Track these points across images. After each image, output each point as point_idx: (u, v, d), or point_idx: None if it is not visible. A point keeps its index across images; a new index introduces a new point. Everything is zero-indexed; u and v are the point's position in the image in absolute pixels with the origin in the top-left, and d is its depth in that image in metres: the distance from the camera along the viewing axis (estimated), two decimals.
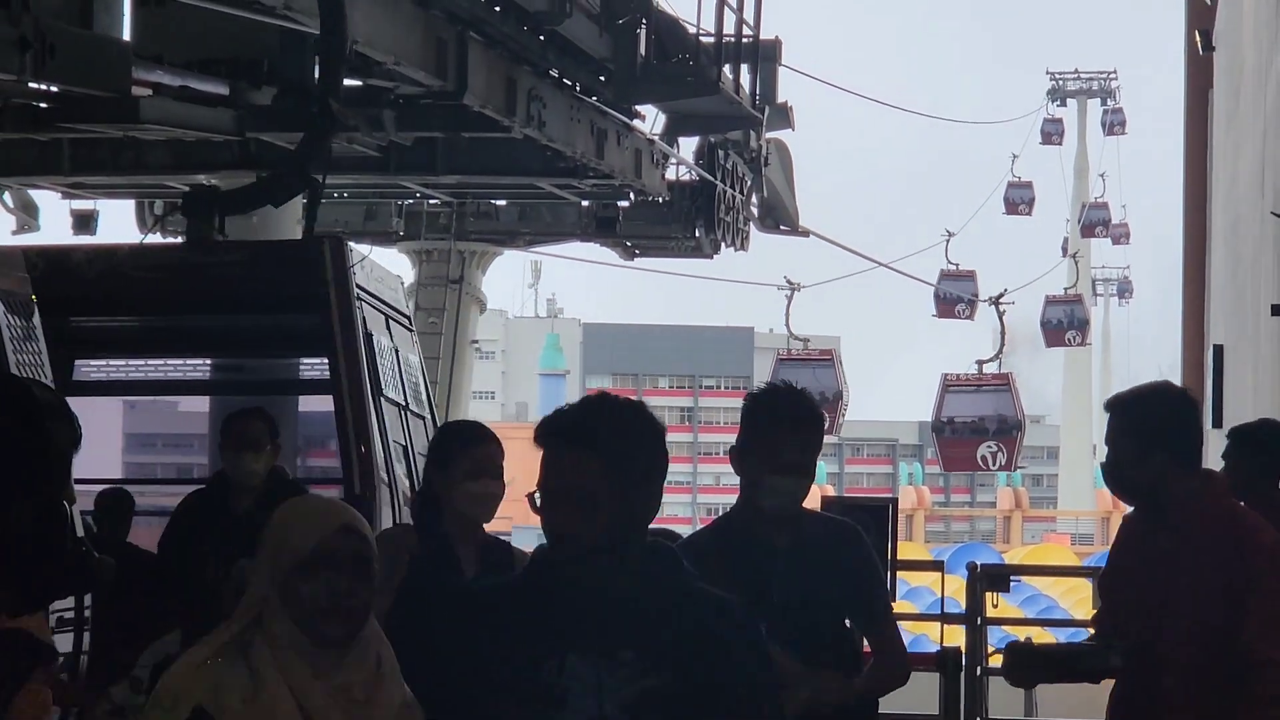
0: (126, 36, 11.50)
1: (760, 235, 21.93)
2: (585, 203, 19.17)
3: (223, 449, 9.03)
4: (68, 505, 3.42)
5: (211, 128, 12.90)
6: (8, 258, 8.88)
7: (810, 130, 21.49)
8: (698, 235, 19.82)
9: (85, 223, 16.86)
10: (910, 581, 29.14)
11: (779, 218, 22.21)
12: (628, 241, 20.51)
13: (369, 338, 10.49)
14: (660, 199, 18.73)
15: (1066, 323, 61.42)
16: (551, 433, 4.30)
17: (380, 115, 13.75)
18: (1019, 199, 70.84)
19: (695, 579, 4.40)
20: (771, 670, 4.45)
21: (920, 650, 12.69)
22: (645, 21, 14.68)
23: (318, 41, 10.90)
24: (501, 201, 19.82)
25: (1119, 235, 76.70)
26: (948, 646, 11.26)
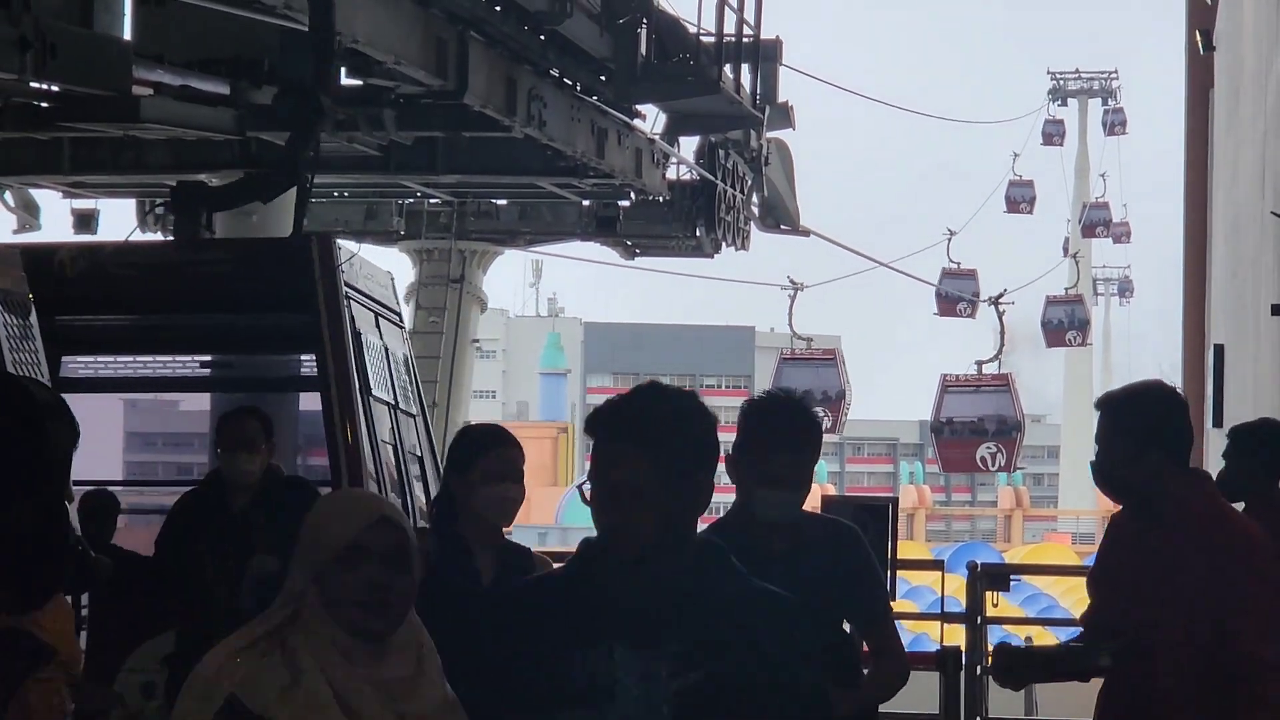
0: (127, 36, 11.53)
1: (761, 235, 22.00)
2: (586, 202, 19.20)
3: (218, 448, 9.06)
4: (67, 504, 3.42)
5: (212, 127, 12.92)
6: (5, 256, 8.85)
7: (811, 130, 21.54)
8: (698, 234, 19.84)
9: (86, 222, 16.87)
10: (911, 581, 29.12)
11: (779, 217, 22.24)
12: (628, 241, 20.54)
13: (358, 336, 10.46)
14: (661, 198, 18.77)
15: (1067, 323, 61.43)
16: (601, 424, 4.27)
17: (381, 114, 13.77)
18: (1020, 197, 70.85)
19: (744, 574, 4.36)
20: (818, 670, 4.37)
21: (920, 649, 12.73)
22: (646, 21, 14.71)
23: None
24: (502, 201, 19.85)
25: (1120, 235, 76.73)
26: (948, 646, 11.27)
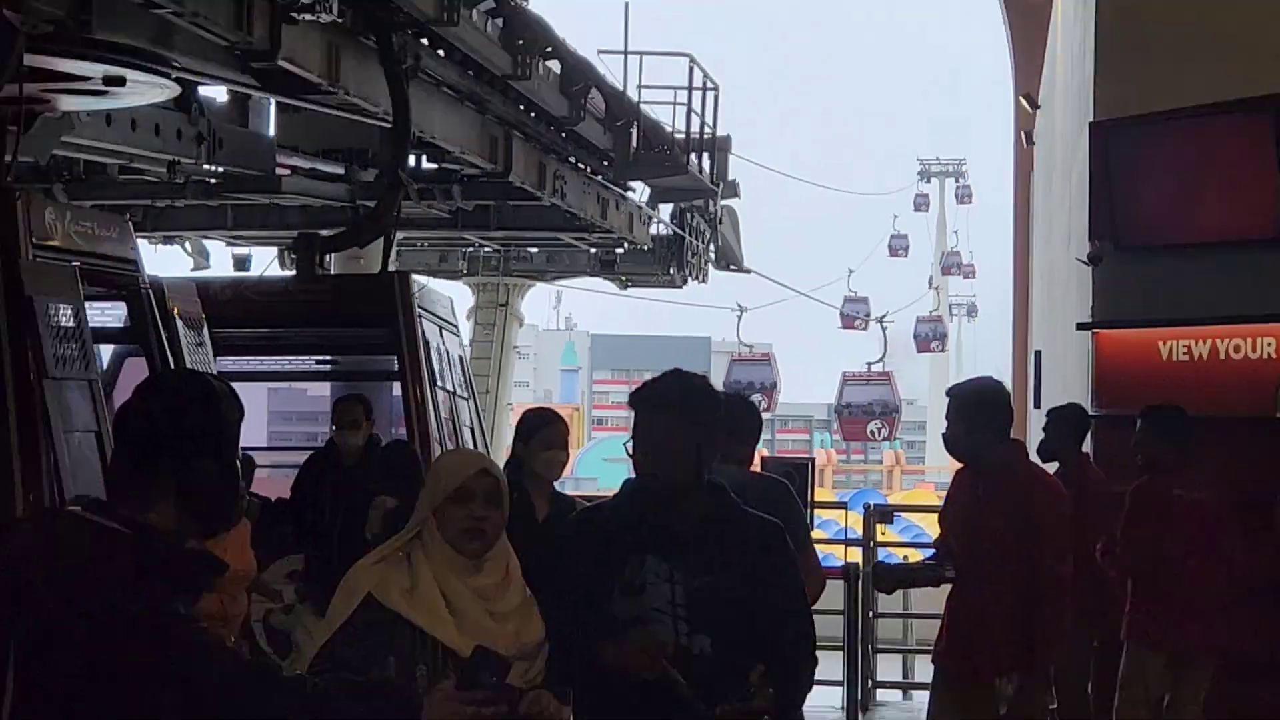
0: (271, 132, 11.59)
1: (716, 272, 21.93)
2: (593, 250, 19.18)
3: (333, 423, 9.05)
4: (237, 463, 3.47)
5: (331, 196, 12.96)
6: (184, 289, 8.83)
7: (752, 197, 21.48)
8: (671, 272, 19.82)
9: (242, 263, 16.81)
10: (822, 516, 28.90)
11: (729, 259, 22.18)
12: (622, 276, 20.47)
13: (426, 343, 10.41)
14: (645, 247, 18.77)
15: (931, 335, 61.36)
16: (641, 400, 4.22)
17: (450, 189, 13.83)
18: (899, 246, 70.75)
19: (740, 504, 4.30)
20: (797, 574, 4.32)
21: (830, 565, 12.73)
22: (635, 123, 14.75)
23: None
24: (534, 249, 19.82)
25: (968, 273, 76.35)
26: (849, 563, 11.33)
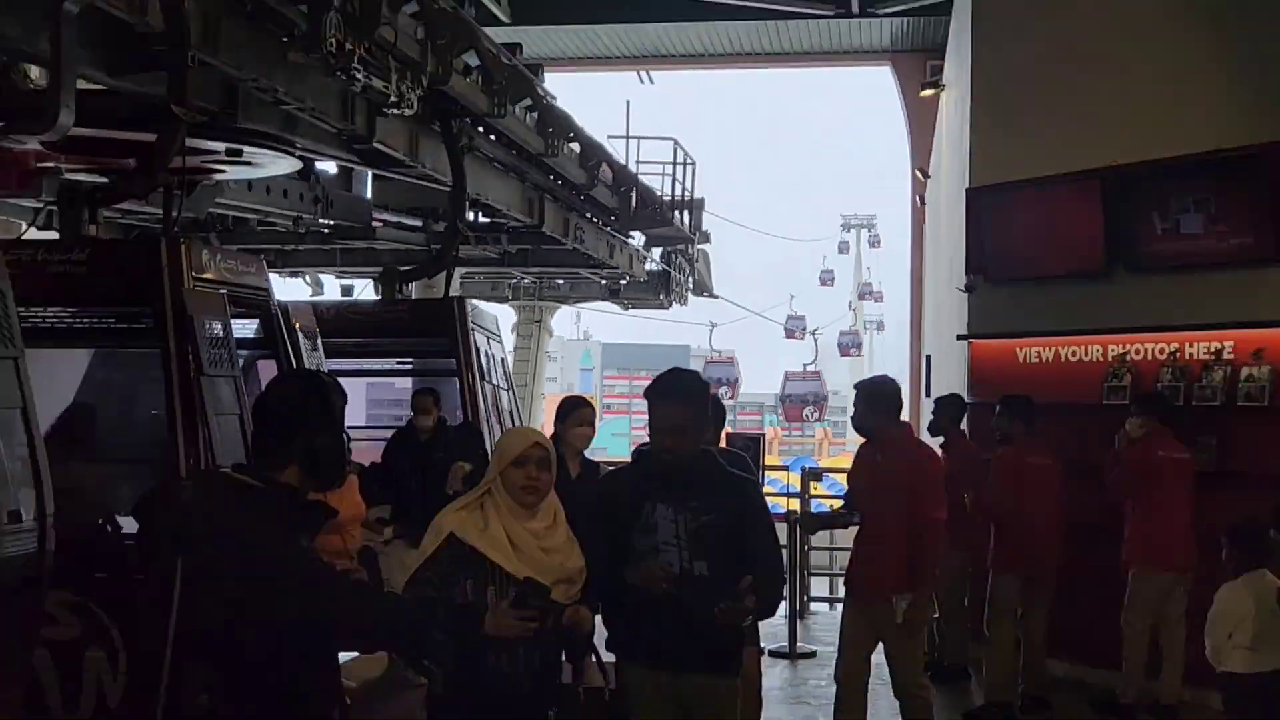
0: (369, 195, 11.54)
1: (694, 298, 21.86)
2: (603, 281, 19.08)
3: (412, 408, 8.98)
4: (344, 436, 3.40)
5: (411, 242, 12.89)
6: (303, 309, 8.73)
7: (720, 242, 21.47)
8: (661, 297, 19.74)
9: (348, 291, 16.70)
10: (770, 476, 28.80)
11: (704, 288, 22.09)
12: (625, 300, 20.38)
13: (477, 349, 10.25)
14: (642, 279, 18.69)
15: (850, 344, 61.52)
16: (655, 392, 4.19)
17: (499, 236, 13.76)
18: (827, 278, 70.77)
19: (725, 466, 4.26)
20: (768, 514, 4.26)
21: (776, 512, 12.65)
22: (635, 189, 14.70)
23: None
24: (561, 280, 19.73)
25: (878, 298, 76.31)
26: (790, 510, 11.27)
